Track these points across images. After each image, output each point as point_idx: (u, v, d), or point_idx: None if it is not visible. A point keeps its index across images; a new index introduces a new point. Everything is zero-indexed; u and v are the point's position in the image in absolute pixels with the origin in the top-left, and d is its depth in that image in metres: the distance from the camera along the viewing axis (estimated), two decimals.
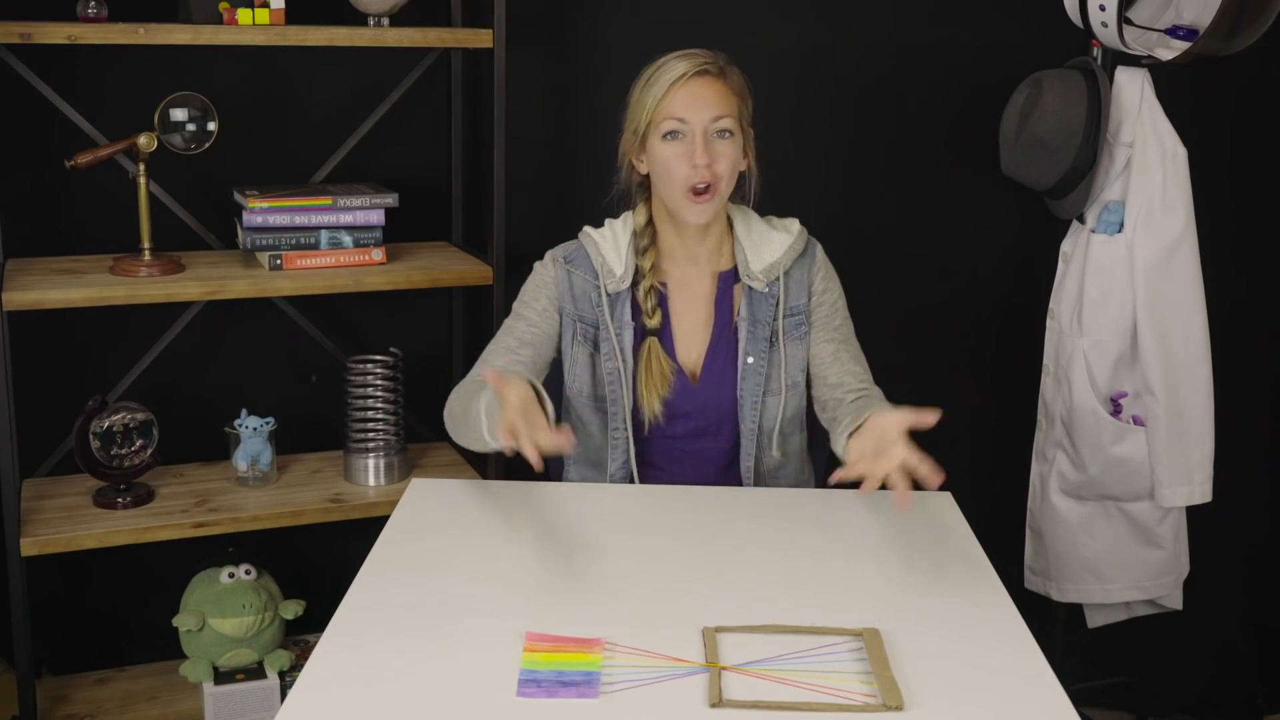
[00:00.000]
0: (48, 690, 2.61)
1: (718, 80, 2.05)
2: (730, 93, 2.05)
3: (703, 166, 2.01)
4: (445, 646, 1.56)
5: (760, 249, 2.13)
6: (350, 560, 1.80)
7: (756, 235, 2.14)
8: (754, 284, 2.12)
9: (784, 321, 2.12)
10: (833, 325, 2.15)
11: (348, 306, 2.75)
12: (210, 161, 2.49)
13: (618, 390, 2.11)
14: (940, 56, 3.00)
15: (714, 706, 1.44)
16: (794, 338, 2.13)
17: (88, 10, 2.31)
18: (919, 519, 2.00)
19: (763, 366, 2.12)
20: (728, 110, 2.03)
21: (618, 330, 2.11)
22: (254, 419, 2.55)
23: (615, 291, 2.12)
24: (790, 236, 2.14)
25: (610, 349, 2.11)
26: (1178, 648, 3.25)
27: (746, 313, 2.12)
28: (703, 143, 2.01)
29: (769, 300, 2.12)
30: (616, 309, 2.12)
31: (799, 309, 2.13)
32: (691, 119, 2.02)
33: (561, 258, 2.16)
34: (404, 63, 2.68)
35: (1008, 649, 1.59)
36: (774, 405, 2.12)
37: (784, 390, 2.13)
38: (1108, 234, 2.57)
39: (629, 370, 2.11)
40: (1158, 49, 2.49)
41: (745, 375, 2.12)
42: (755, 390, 2.12)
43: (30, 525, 2.38)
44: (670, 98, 2.03)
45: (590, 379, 2.14)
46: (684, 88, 2.03)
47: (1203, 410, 2.62)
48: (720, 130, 2.03)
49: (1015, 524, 2.88)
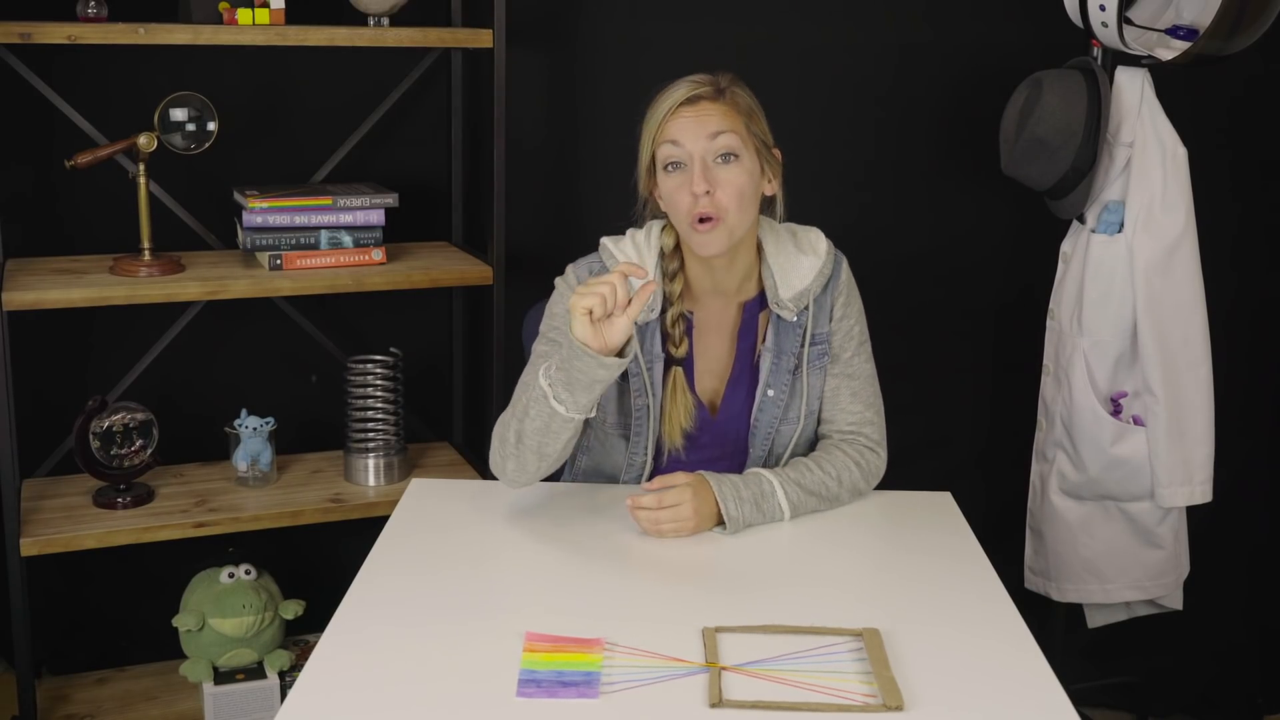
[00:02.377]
0: (48, 690, 2.61)
1: (714, 103, 1.92)
2: (732, 113, 1.93)
3: (701, 195, 1.89)
4: (445, 646, 1.56)
5: (789, 275, 2.01)
6: (350, 560, 1.80)
7: (785, 259, 2.02)
8: (783, 313, 2.00)
9: (809, 350, 2.04)
10: (843, 357, 2.06)
11: (348, 306, 2.75)
12: (210, 161, 2.49)
13: (644, 423, 2.02)
14: (940, 56, 3.00)
15: (714, 706, 1.44)
16: (816, 368, 2.04)
17: (88, 10, 2.31)
18: (919, 519, 2.00)
19: (783, 399, 2.04)
20: (728, 128, 1.91)
21: (648, 364, 2.00)
22: (254, 419, 2.55)
23: (644, 321, 1.99)
24: (819, 260, 2.02)
25: (640, 385, 2.01)
26: (1178, 648, 3.25)
27: (773, 343, 2.02)
28: (701, 170, 1.90)
29: (796, 330, 2.02)
30: (646, 340, 2.01)
31: (822, 337, 2.04)
32: (688, 146, 1.90)
33: (588, 275, 2.02)
34: (404, 63, 2.68)
35: (1008, 649, 1.59)
36: (788, 434, 2.05)
37: (801, 419, 2.05)
38: (1108, 234, 2.57)
39: (658, 404, 2.02)
40: (1158, 49, 2.49)
41: (763, 407, 2.04)
42: (771, 421, 2.04)
43: (30, 525, 2.38)
44: (666, 128, 1.92)
45: (617, 409, 2.04)
46: (678, 115, 1.92)
47: (1203, 410, 2.62)
48: (721, 154, 1.91)
49: (1015, 524, 2.88)
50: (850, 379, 2.07)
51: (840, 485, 1.99)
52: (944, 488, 2.09)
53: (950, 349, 3.17)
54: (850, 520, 1.98)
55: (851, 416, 2.06)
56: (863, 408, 2.07)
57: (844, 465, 2.01)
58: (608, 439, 2.07)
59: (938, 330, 3.15)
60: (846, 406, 2.06)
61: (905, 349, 3.06)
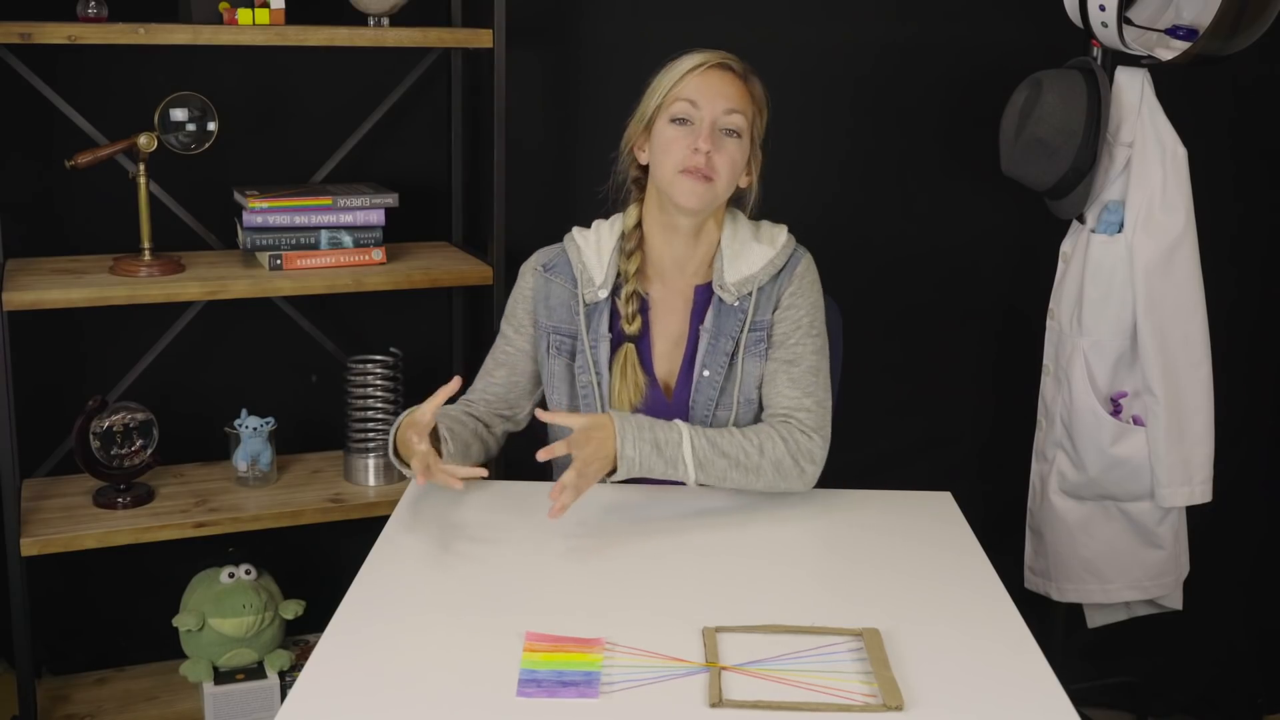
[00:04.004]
0: (48, 690, 2.61)
1: (738, 79, 2.02)
2: (749, 96, 2.03)
3: (704, 152, 1.97)
4: (445, 646, 1.56)
5: (738, 261, 2.07)
6: (350, 560, 1.80)
7: (739, 245, 2.08)
8: (724, 296, 2.06)
9: (747, 336, 2.06)
10: (786, 344, 2.07)
11: (348, 306, 2.75)
12: (210, 161, 2.49)
13: (592, 405, 2.07)
14: (940, 56, 3.00)
15: (714, 706, 1.44)
16: (754, 354, 2.07)
17: (88, 10, 2.31)
18: (919, 519, 2.00)
19: (718, 381, 2.06)
20: (742, 109, 2.00)
21: (593, 343, 2.08)
22: (254, 419, 2.55)
23: (593, 302, 2.08)
24: (772, 250, 2.08)
25: (584, 362, 2.08)
26: (1178, 648, 3.25)
27: (711, 324, 2.07)
28: (709, 132, 1.98)
29: (737, 315, 2.06)
30: (594, 320, 2.08)
31: (762, 324, 2.07)
32: (704, 106, 1.99)
33: (541, 266, 2.14)
34: (404, 63, 2.68)
35: (1008, 649, 1.59)
36: (724, 419, 2.07)
37: (735, 406, 2.07)
38: (1108, 234, 2.57)
39: (603, 384, 2.07)
40: (1158, 49, 2.49)
41: (699, 387, 2.06)
42: (707, 404, 2.06)
43: (30, 525, 2.38)
44: (686, 82, 2.00)
45: (568, 391, 2.10)
46: (702, 75, 2.00)
47: (1203, 410, 2.62)
48: (729, 128, 2.00)
49: (1015, 524, 2.88)
50: (790, 365, 2.06)
51: (762, 455, 1.97)
52: (944, 488, 2.09)
53: (950, 349, 3.17)
54: (850, 520, 1.98)
55: (787, 401, 2.05)
56: (800, 394, 2.05)
57: (769, 437, 1.99)
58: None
59: (938, 330, 3.15)
60: (783, 390, 2.06)
61: (905, 349, 3.06)
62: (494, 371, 2.17)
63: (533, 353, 2.15)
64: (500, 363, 2.17)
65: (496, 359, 2.18)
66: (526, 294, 2.15)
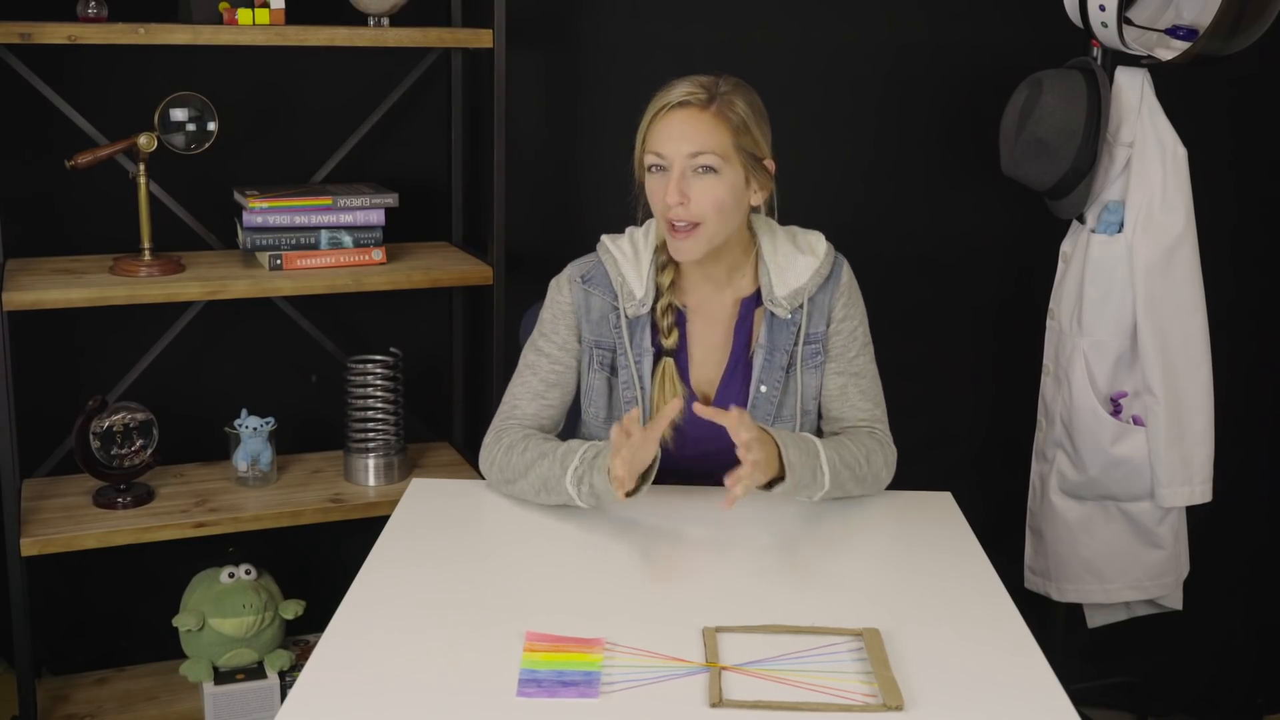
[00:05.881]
0: (48, 690, 2.61)
1: (703, 112, 1.93)
2: (720, 125, 1.93)
3: (674, 205, 1.92)
4: (445, 646, 1.56)
5: (785, 273, 2.03)
6: (350, 560, 1.80)
7: (782, 258, 2.04)
8: (777, 310, 2.03)
9: (802, 349, 2.05)
10: (846, 357, 2.07)
11: (348, 306, 2.75)
12: (210, 161, 2.49)
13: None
14: (940, 56, 3.00)
15: (714, 706, 1.44)
16: (810, 366, 2.05)
17: (88, 10, 2.30)
18: (919, 519, 2.00)
19: (776, 395, 2.04)
20: (709, 146, 1.92)
21: (637, 357, 2.03)
22: (254, 419, 2.55)
23: (635, 315, 2.03)
24: (816, 260, 2.05)
25: (629, 377, 2.04)
26: (1178, 648, 3.25)
27: (766, 339, 2.04)
28: (677, 179, 1.92)
29: (790, 328, 2.03)
30: (636, 334, 2.04)
31: (817, 336, 2.05)
32: (668, 153, 1.93)
33: (579, 278, 2.07)
34: (404, 63, 2.68)
35: (1008, 649, 1.59)
36: None
37: (797, 418, 2.06)
38: (1107, 234, 2.57)
39: (647, 399, 2.03)
40: (1158, 49, 2.49)
41: (756, 404, 2.04)
42: (764, 419, 2.04)
43: (30, 525, 2.38)
44: (653, 131, 1.95)
45: (607, 405, 2.07)
46: (664, 120, 1.94)
47: (1203, 410, 2.62)
48: (701, 166, 1.93)
49: (1015, 524, 2.88)
50: (858, 378, 2.08)
51: (869, 466, 2.00)
52: (944, 488, 2.09)
53: (950, 349, 3.18)
54: (850, 520, 1.98)
55: (862, 413, 2.08)
56: (872, 405, 2.09)
57: (871, 447, 2.02)
58: (598, 434, 2.08)
59: (938, 330, 3.15)
60: (856, 403, 2.08)
61: (905, 349, 3.05)
62: (546, 394, 2.07)
63: (577, 367, 2.10)
64: (551, 384, 2.07)
65: (545, 380, 2.07)
66: (566, 309, 2.07)
